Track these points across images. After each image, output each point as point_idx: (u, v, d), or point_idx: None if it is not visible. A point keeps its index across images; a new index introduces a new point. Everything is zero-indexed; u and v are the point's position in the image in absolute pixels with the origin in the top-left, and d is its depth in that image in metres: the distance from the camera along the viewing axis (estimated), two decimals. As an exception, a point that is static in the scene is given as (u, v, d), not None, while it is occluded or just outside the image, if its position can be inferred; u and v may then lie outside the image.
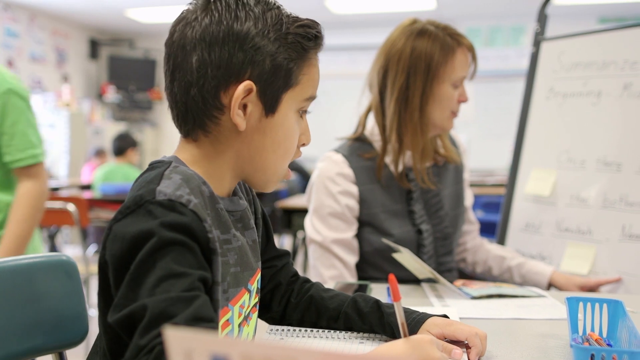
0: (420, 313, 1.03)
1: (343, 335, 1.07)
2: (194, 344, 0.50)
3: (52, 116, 7.91)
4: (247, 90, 0.86)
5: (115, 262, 0.78)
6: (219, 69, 0.86)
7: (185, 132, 0.92)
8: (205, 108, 0.88)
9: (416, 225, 1.66)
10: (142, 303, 0.73)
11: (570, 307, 1.03)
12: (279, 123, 0.90)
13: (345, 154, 1.66)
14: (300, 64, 0.90)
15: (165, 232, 0.76)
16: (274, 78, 0.88)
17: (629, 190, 1.88)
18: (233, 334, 0.88)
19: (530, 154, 2.19)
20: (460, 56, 1.61)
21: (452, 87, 1.61)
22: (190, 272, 0.77)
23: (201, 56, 0.86)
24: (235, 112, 0.87)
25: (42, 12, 8.77)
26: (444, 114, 1.63)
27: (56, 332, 1.17)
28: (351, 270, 1.64)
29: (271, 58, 0.87)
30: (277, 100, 0.89)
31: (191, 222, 0.79)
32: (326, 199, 1.62)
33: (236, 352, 0.49)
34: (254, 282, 0.95)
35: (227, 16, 0.86)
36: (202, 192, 0.85)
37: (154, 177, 0.84)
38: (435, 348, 0.85)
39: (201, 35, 0.86)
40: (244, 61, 0.86)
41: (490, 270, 1.85)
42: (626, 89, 1.96)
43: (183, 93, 0.88)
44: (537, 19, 2.31)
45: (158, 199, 0.79)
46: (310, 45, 0.90)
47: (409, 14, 1.73)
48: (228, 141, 0.90)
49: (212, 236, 0.82)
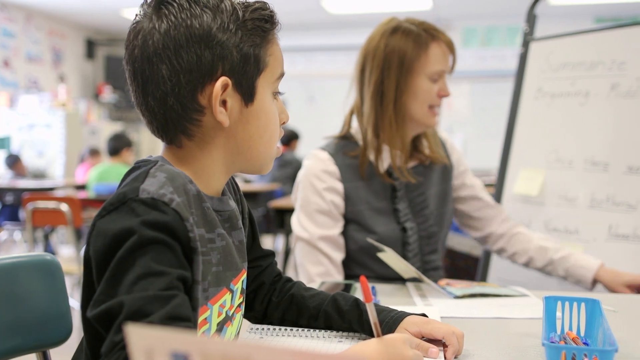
0: (399, 312, 1.03)
1: (322, 334, 1.07)
2: (154, 342, 0.50)
3: (48, 116, 7.92)
4: (224, 85, 0.87)
5: (97, 258, 0.79)
6: (191, 73, 0.85)
7: (168, 141, 0.92)
8: (185, 114, 0.88)
9: (401, 224, 1.67)
10: (119, 300, 0.74)
11: (548, 306, 1.03)
12: (260, 109, 0.91)
13: (331, 152, 1.68)
14: (265, 46, 0.91)
15: (146, 231, 0.77)
16: (246, 67, 0.88)
17: (616, 190, 1.89)
18: (210, 332, 0.88)
19: (519, 154, 2.20)
20: (435, 49, 1.62)
21: (430, 81, 1.62)
22: (169, 271, 0.77)
23: (170, 64, 0.85)
24: (217, 110, 0.87)
25: (39, 12, 8.77)
26: (422, 108, 1.64)
27: (39, 331, 1.17)
28: (338, 267, 1.65)
29: (238, 49, 0.87)
30: (253, 88, 0.90)
31: (172, 221, 0.79)
32: (312, 196, 1.64)
33: (195, 350, 0.49)
34: (237, 283, 0.95)
35: (183, 17, 0.85)
36: (188, 191, 0.85)
37: (138, 175, 0.84)
38: (408, 347, 0.85)
39: (164, 43, 0.85)
40: (213, 59, 0.86)
41: (533, 262, 1.79)
42: (614, 89, 1.97)
43: (160, 105, 0.87)
44: (526, 19, 2.32)
45: (141, 197, 0.79)
46: (268, 27, 0.91)
47: (405, 14, 1.75)
48: (214, 140, 0.91)
49: (193, 235, 0.82)
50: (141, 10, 0.89)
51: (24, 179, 6.68)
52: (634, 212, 1.83)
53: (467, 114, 8.99)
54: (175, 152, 0.92)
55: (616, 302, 1.36)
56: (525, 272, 2.06)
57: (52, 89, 8.64)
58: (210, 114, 0.88)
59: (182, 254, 0.81)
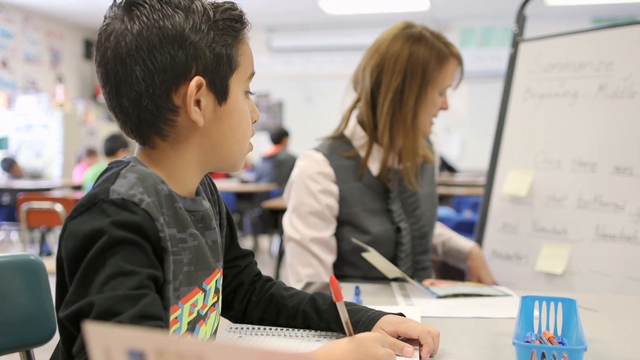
0: (376, 311, 1.04)
1: (301, 334, 1.08)
2: (112, 340, 0.51)
3: (45, 117, 7.93)
4: (198, 85, 0.88)
5: (68, 259, 0.80)
6: (165, 73, 0.86)
7: (142, 141, 0.93)
8: (159, 114, 0.88)
9: (395, 224, 1.68)
10: (89, 300, 0.75)
11: (524, 305, 1.04)
12: (233, 107, 0.92)
13: (325, 153, 1.67)
14: (236, 46, 0.92)
15: (116, 231, 0.78)
16: (219, 67, 0.89)
17: (603, 191, 1.89)
18: (181, 331, 0.89)
19: (508, 155, 2.20)
20: (451, 66, 1.65)
21: (439, 95, 1.66)
22: (140, 271, 0.78)
23: (144, 65, 0.85)
24: (192, 109, 0.88)
25: (37, 13, 8.78)
26: (428, 120, 1.67)
27: (23, 330, 1.18)
28: (328, 270, 1.65)
29: (210, 49, 0.88)
30: (226, 87, 0.91)
31: (142, 221, 0.80)
32: (306, 198, 1.64)
33: (151, 348, 0.50)
34: (210, 282, 0.95)
35: (155, 18, 0.86)
36: (159, 191, 0.86)
37: (109, 176, 0.85)
38: (380, 346, 0.86)
39: (137, 44, 0.85)
40: (187, 59, 0.87)
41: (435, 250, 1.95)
42: (601, 89, 1.97)
43: (135, 106, 0.87)
44: (516, 20, 2.32)
45: (111, 197, 0.80)
46: (239, 27, 0.92)
47: (402, 14, 1.77)
48: (187, 140, 0.91)
49: (163, 235, 0.83)
50: (111, 12, 0.89)
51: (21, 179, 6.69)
52: (621, 213, 1.84)
53: (464, 114, 9.00)
54: (149, 152, 0.92)
55: (596, 301, 1.37)
56: (514, 273, 2.07)
57: (50, 89, 8.66)
58: (185, 114, 0.89)
59: (153, 253, 0.82)
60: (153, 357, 0.50)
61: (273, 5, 8.62)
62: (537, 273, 2.00)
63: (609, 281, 1.82)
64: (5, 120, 8.03)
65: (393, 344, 0.96)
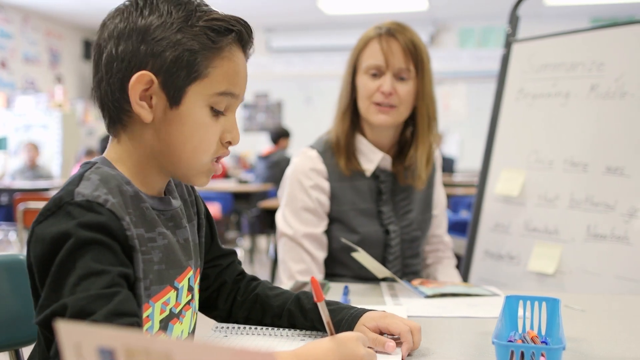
0: (358, 309, 1.05)
1: (286, 333, 1.08)
2: (82, 338, 0.52)
3: (44, 117, 7.94)
4: (147, 81, 0.88)
5: (37, 263, 0.80)
6: (122, 62, 0.88)
7: (111, 132, 0.94)
8: (116, 103, 0.90)
9: (384, 226, 1.68)
10: (62, 302, 0.75)
11: (508, 305, 1.05)
12: (186, 115, 0.90)
13: (319, 150, 1.70)
14: (207, 55, 0.89)
15: (83, 232, 0.78)
16: (176, 69, 0.88)
17: (595, 191, 1.90)
18: (153, 329, 0.90)
19: (501, 155, 2.21)
20: (374, 45, 1.66)
21: (369, 77, 1.66)
22: (110, 270, 0.78)
23: (110, 52, 0.89)
24: (135, 101, 0.88)
25: (36, 13, 8.79)
26: (364, 104, 1.67)
27: (11, 330, 1.19)
28: (319, 266, 1.66)
29: (172, 49, 0.87)
30: (180, 91, 0.89)
31: (108, 220, 0.81)
32: (299, 193, 1.66)
33: (120, 345, 0.51)
34: (182, 280, 0.96)
35: (134, 14, 0.89)
36: (123, 192, 0.87)
37: (74, 178, 0.86)
38: (361, 345, 0.87)
39: (110, 33, 0.89)
40: (145, 53, 0.87)
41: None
42: (593, 90, 1.98)
43: (97, 89, 0.91)
44: (509, 20, 2.33)
45: (76, 200, 0.81)
46: (219, 39, 0.90)
47: (400, 14, 1.79)
48: (140, 136, 0.92)
49: (130, 234, 0.83)
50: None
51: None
52: (612, 213, 1.84)
53: (463, 114, 9.00)
54: (115, 149, 0.93)
55: (585, 302, 1.37)
56: (506, 273, 2.08)
57: (49, 89, 8.66)
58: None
59: (122, 252, 0.82)
60: (122, 355, 0.51)
61: (272, 6, 8.62)
62: (529, 273, 2.00)
63: (600, 281, 1.83)
64: (4, 120, 8.04)
65: (375, 339, 0.97)
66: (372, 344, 0.97)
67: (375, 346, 0.97)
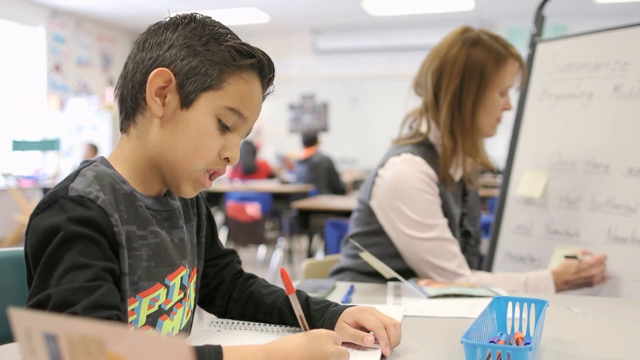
0: (341, 305, 1.08)
1: (277, 329, 1.12)
2: (31, 324, 0.56)
3: (95, 118, 8.18)
4: (166, 79, 0.94)
5: (32, 254, 0.86)
6: (149, 60, 0.95)
7: (123, 127, 1.00)
8: (134, 97, 0.96)
9: (463, 226, 1.75)
10: (47, 292, 0.80)
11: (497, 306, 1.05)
12: (193, 120, 0.95)
13: (422, 157, 1.67)
14: (225, 70, 0.95)
15: (72, 226, 0.83)
16: (194, 74, 0.94)
17: (616, 193, 1.86)
18: (138, 323, 0.94)
19: (524, 156, 2.19)
20: (510, 66, 1.67)
21: (500, 95, 1.68)
22: (95, 264, 0.83)
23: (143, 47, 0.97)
24: (151, 96, 0.94)
25: (89, 18, 9.07)
26: (490, 120, 1.69)
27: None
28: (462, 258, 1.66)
29: (196, 57, 0.95)
30: (193, 95, 0.95)
31: (97, 216, 0.85)
32: (424, 195, 1.63)
33: (61, 331, 0.55)
34: (174, 279, 1.00)
35: (171, 28, 0.98)
36: (116, 190, 0.91)
37: (71, 174, 0.92)
38: (331, 343, 0.89)
39: (150, 35, 0.98)
40: (171, 55, 0.95)
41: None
42: (616, 90, 1.94)
43: (122, 83, 0.99)
44: (534, 20, 2.30)
45: (70, 194, 0.86)
46: (241, 61, 0.95)
47: (446, 14, 1.80)
48: (147, 132, 0.97)
49: (118, 230, 0.88)
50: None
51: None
52: (633, 215, 1.81)
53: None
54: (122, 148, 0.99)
55: (586, 304, 1.36)
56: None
57: (101, 92, 8.93)
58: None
59: (109, 247, 0.87)
60: (63, 340, 0.55)
61: (317, 8, 8.67)
62: (549, 275, 1.97)
63: (619, 284, 1.79)
64: (57, 122, 8.33)
65: (354, 334, 0.99)
66: (351, 339, 0.99)
67: (354, 341, 0.99)
